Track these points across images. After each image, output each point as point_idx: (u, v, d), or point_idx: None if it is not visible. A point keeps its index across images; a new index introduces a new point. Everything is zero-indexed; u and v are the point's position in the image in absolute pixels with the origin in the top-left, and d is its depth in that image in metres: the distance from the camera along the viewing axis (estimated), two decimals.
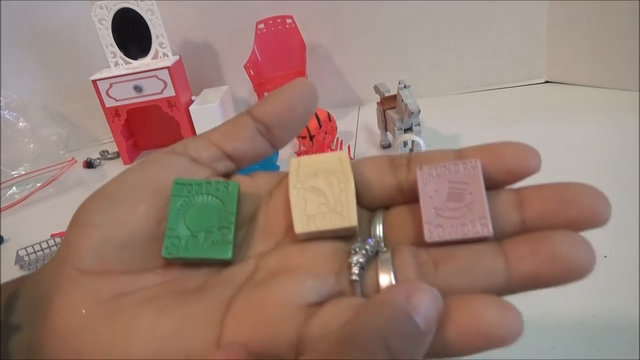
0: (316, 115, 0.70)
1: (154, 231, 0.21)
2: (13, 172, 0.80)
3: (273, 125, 0.22)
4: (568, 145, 0.65)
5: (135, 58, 0.83)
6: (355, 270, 0.19)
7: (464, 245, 0.19)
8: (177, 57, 0.83)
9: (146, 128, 0.90)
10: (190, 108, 0.79)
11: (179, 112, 0.81)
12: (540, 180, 0.21)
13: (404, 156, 0.22)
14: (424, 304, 0.15)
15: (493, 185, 0.20)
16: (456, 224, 0.19)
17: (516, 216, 0.19)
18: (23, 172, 0.81)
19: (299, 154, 0.69)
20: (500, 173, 0.20)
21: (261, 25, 0.85)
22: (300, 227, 0.20)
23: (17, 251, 0.56)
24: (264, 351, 0.18)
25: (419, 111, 0.60)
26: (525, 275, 0.18)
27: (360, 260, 0.19)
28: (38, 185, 0.77)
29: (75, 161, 0.85)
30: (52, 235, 0.58)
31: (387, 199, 0.22)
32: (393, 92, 0.66)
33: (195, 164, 0.22)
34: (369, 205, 0.22)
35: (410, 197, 0.21)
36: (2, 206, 0.74)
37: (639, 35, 0.72)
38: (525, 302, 0.41)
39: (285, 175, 0.23)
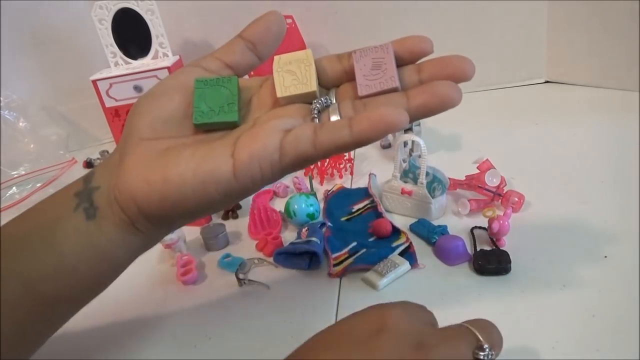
0: None
1: (186, 112, 0.32)
2: (13, 172, 0.81)
3: (256, 41, 0.33)
4: (568, 145, 0.65)
5: (135, 58, 0.83)
6: (315, 112, 0.31)
7: (382, 95, 0.31)
8: (177, 57, 0.83)
9: None
10: None
11: None
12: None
13: (346, 53, 0.33)
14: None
15: (404, 62, 0.31)
16: (376, 82, 0.31)
17: (416, 77, 0.31)
18: (23, 172, 0.81)
19: None
20: (405, 53, 0.31)
21: None
22: (280, 93, 0.32)
23: None
24: (260, 153, 0.29)
25: None
26: (418, 105, 0.29)
27: (318, 106, 0.31)
28: (38, 185, 0.77)
29: (76, 161, 0.85)
30: None
31: (337, 80, 0.33)
32: None
33: (206, 72, 0.33)
34: (326, 84, 0.33)
35: (351, 77, 0.32)
36: (2, 206, 0.74)
37: (639, 35, 0.72)
38: (525, 303, 0.41)
39: (269, 77, 0.33)
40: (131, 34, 0.81)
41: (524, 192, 0.51)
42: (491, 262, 0.42)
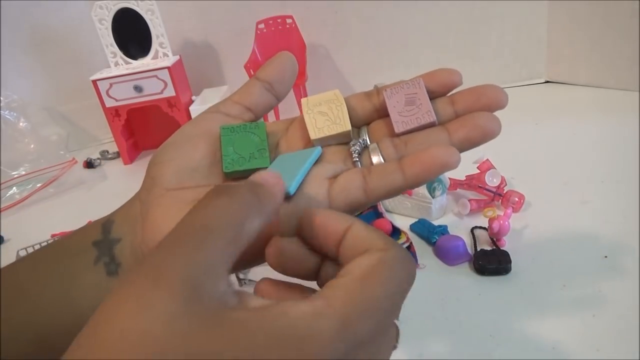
0: None
1: (212, 160, 0.30)
2: (13, 172, 0.80)
3: (273, 82, 0.32)
4: (568, 145, 0.65)
5: (135, 58, 0.83)
6: (355, 155, 0.30)
7: (421, 131, 0.30)
8: (177, 57, 0.83)
9: (146, 128, 0.90)
10: (191, 108, 0.79)
11: (179, 112, 0.81)
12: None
13: (374, 89, 0.32)
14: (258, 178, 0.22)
15: (435, 96, 0.30)
16: (413, 118, 0.30)
17: (451, 109, 0.30)
18: (23, 172, 0.81)
19: None
20: (437, 86, 0.30)
21: (261, 25, 0.85)
22: (314, 134, 0.30)
23: (18, 251, 0.56)
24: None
25: None
26: (461, 139, 0.28)
27: (357, 149, 0.30)
28: (38, 185, 0.77)
29: (76, 161, 0.85)
30: (53, 236, 0.58)
31: (368, 118, 0.32)
32: None
33: (228, 117, 0.32)
34: (356, 123, 0.32)
35: (382, 114, 0.31)
36: (2, 206, 0.74)
37: (639, 35, 0.73)
38: (525, 303, 0.41)
39: (294, 119, 0.33)
40: (131, 34, 0.81)
41: (524, 192, 0.51)
42: (491, 262, 0.42)
